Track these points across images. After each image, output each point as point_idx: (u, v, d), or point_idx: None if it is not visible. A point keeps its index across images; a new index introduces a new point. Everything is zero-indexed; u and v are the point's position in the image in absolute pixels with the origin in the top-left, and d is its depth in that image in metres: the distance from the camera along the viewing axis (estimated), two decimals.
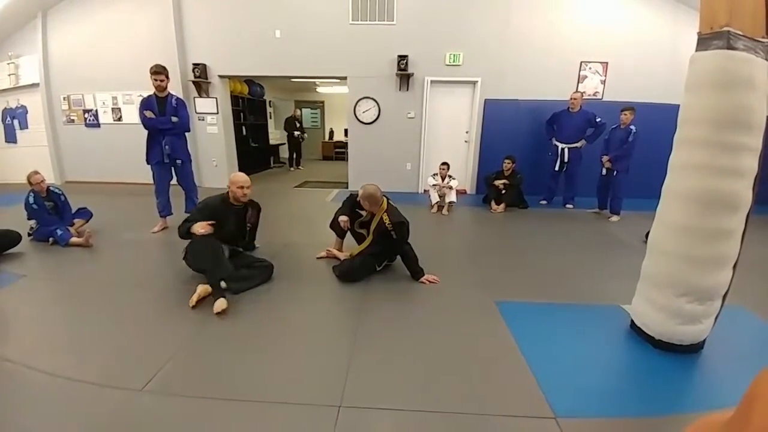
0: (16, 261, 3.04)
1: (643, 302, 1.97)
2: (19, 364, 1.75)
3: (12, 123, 6.47)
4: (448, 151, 5.78)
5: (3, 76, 6.18)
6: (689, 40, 1.83)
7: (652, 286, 1.91)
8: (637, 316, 2.01)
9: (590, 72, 5.57)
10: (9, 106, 6.39)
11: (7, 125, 6.49)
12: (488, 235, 3.99)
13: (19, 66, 6.09)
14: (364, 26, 5.47)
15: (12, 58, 6.05)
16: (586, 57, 5.50)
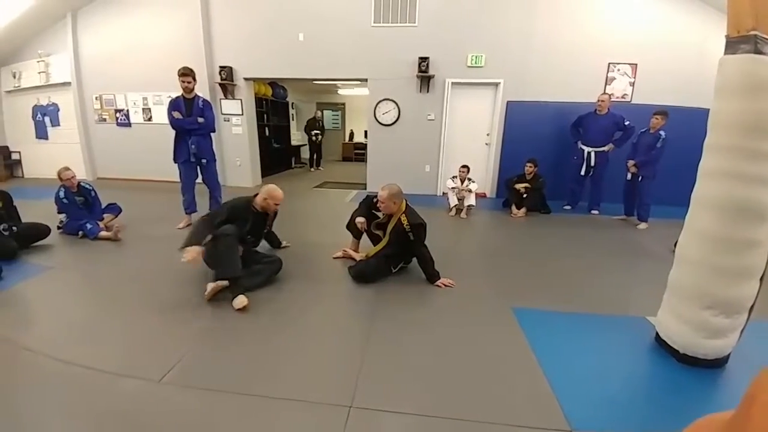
0: (45, 253, 3.21)
1: (669, 314, 1.89)
2: (39, 353, 1.83)
3: (43, 120, 6.79)
4: (468, 154, 5.70)
5: (33, 73, 6.48)
6: (719, 41, 1.75)
7: (678, 298, 1.84)
8: (662, 329, 1.94)
9: (618, 73, 5.37)
10: (40, 103, 6.71)
11: (37, 122, 6.82)
12: (507, 240, 3.90)
13: (50, 64, 6.38)
14: (386, 28, 5.48)
15: (42, 57, 6.32)
16: (614, 58, 5.31)
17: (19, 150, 7.09)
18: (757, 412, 0.35)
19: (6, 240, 3.02)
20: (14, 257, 2.97)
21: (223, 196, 4.11)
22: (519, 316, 2.24)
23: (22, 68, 6.53)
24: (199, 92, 3.92)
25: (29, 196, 4.77)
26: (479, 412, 1.50)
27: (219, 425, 1.43)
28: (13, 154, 7.10)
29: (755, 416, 0.35)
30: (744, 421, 0.37)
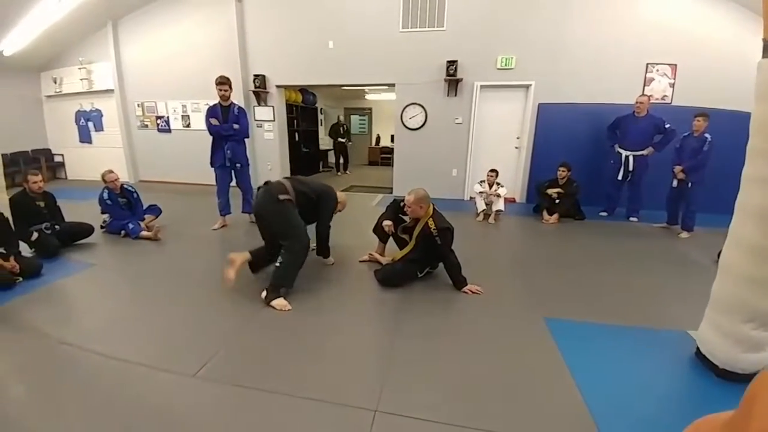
0: (88, 251, 3.43)
1: (710, 328, 1.80)
2: (77, 346, 1.94)
3: (86, 125, 7.27)
4: (497, 158, 5.58)
5: (75, 80, 6.92)
6: (758, 43, 1.64)
7: (719, 311, 1.76)
8: (702, 343, 1.84)
9: (657, 74, 5.09)
10: (83, 108, 7.19)
11: (81, 126, 7.31)
12: (538, 247, 3.77)
13: (92, 72, 6.83)
14: (414, 33, 5.50)
15: (83, 64, 6.76)
16: (653, 58, 5.04)
17: (62, 153, 7.64)
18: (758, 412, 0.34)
19: (48, 238, 3.25)
20: (56, 255, 3.19)
21: (254, 199, 4.27)
22: (552, 327, 2.15)
23: (63, 74, 7.01)
24: (235, 100, 4.09)
25: (73, 197, 5.14)
26: (509, 426, 1.45)
27: (248, 421, 1.47)
28: (55, 156, 7.65)
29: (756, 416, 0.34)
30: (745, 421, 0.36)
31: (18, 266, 2.71)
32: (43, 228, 3.28)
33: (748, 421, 0.35)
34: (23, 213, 3.15)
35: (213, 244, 3.74)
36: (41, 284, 2.69)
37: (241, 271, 2.93)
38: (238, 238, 3.92)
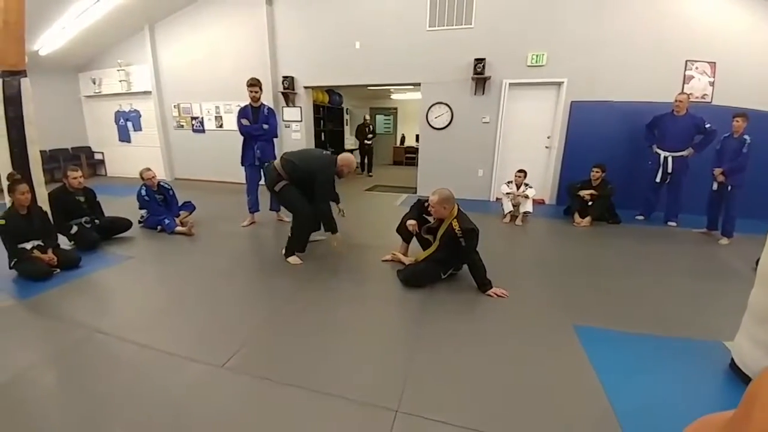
0: (126, 245, 3.63)
1: (745, 338, 1.70)
2: (112, 335, 2.05)
3: (126, 125, 7.71)
4: (525, 158, 5.43)
5: (113, 81, 7.32)
6: None
7: (756, 321, 1.66)
8: (737, 354, 1.74)
9: (697, 72, 4.77)
10: (122, 109, 7.63)
11: (120, 126, 7.76)
12: (569, 251, 3.62)
13: (130, 74, 7.21)
14: (441, 32, 5.45)
15: (121, 66, 7.15)
16: (692, 55, 4.73)
17: (102, 151, 8.15)
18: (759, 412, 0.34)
19: (87, 232, 3.45)
20: (95, 248, 3.39)
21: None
22: (581, 335, 2.06)
23: (102, 75, 7.45)
24: (264, 101, 4.21)
25: (113, 193, 5.46)
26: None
27: (272, 415, 1.51)
28: (95, 154, 8.17)
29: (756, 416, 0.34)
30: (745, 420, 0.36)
31: (55, 258, 2.87)
32: (83, 222, 3.49)
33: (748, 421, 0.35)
34: (62, 207, 3.36)
35: (242, 240, 3.87)
36: (80, 275, 2.87)
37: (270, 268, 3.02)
38: (265, 235, 4.04)
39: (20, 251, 2.77)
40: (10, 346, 1.96)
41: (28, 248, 2.81)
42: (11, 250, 2.76)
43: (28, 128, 3.09)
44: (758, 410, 0.34)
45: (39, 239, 2.90)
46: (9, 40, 3.02)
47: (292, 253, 3.10)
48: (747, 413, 0.36)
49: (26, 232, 2.84)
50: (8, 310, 2.34)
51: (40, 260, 2.79)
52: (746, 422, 0.35)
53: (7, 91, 2.99)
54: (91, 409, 1.53)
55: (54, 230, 3.12)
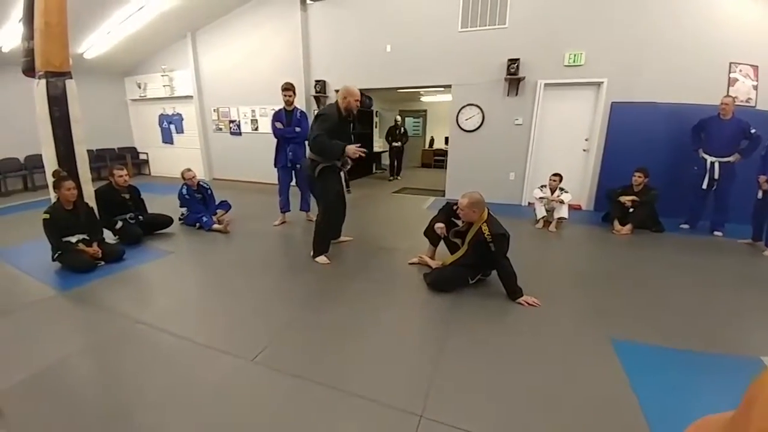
0: (167, 240, 3.84)
1: None
2: (152, 326, 2.17)
3: (168, 127, 8.18)
4: (561, 161, 5.21)
5: (158, 86, 7.78)
6: None
7: None
8: None
9: (741, 75, 4.41)
10: (165, 112, 8.10)
11: (163, 128, 8.25)
12: (607, 260, 3.43)
13: (173, 79, 7.63)
14: (473, 33, 5.36)
15: (165, 71, 7.58)
16: (736, 57, 4.38)
17: (147, 151, 8.68)
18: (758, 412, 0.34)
19: (132, 227, 3.67)
20: (139, 242, 3.61)
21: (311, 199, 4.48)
22: (618, 349, 1.95)
23: (147, 80, 7.95)
24: (297, 104, 4.33)
25: (156, 192, 5.78)
26: None
27: (297, 411, 1.54)
28: (140, 154, 8.71)
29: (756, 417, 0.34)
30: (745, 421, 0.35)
31: (100, 251, 3.06)
32: (128, 218, 3.72)
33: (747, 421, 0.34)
34: (108, 204, 3.58)
35: (273, 238, 3.99)
36: (123, 268, 3.06)
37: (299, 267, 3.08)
38: (295, 234, 4.14)
39: (64, 244, 2.95)
40: (55, 335, 2.11)
41: (73, 242, 2.99)
42: (56, 242, 2.93)
43: (74, 128, 3.19)
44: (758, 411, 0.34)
45: (84, 233, 3.08)
46: (51, 42, 3.07)
47: (319, 253, 3.16)
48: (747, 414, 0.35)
49: (71, 226, 3.01)
50: (51, 301, 2.52)
51: (84, 253, 2.98)
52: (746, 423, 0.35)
53: (51, 92, 3.07)
54: (129, 396, 1.63)
55: (99, 225, 3.31)
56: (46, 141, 3.11)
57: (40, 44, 3.04)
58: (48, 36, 3.04)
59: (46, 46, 3.06)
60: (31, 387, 1.64)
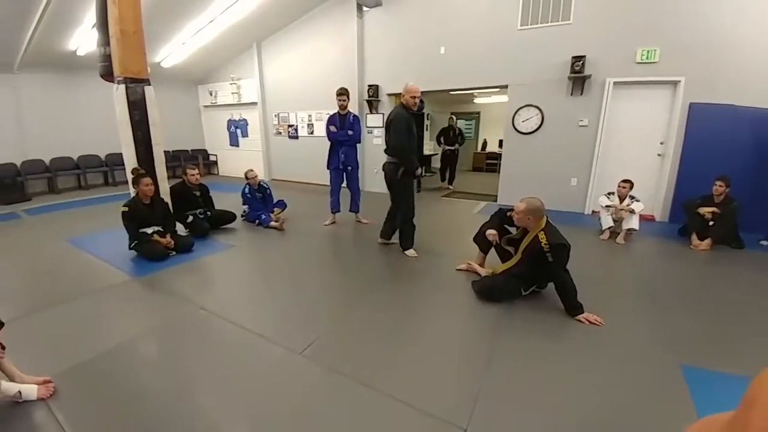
0: (230, 235, 4.14)
1: None
2: (213, 313, 2.34)
3: (235, 131, 8.89)
4: (631, 166, 4.73)
5: (227, 93, 8.50)
6: None
7: None
8: None
9: None
10: (233, 118, 8.83)
11: (231, 132, 8.98)
12: (680, 278, 3.04)
13: (240, 87, 8.27)
14: (534, 30, 5.09)
15: (233, 80, 8.23)
16: None
17: (216, 153, 9.49)
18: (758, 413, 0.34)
19: (201, 221, 4.02)
20: (206, 235, 3.93)
21: (361, 200, 4.57)
22: (689, 377, 1.72)
23: (217, 88, 8.73)
24: (350, 109, 4.44)
25: (222, 190, 6.28)
26: None
27: (340, 409, 1.56)
28: (210, 156, 9.53)
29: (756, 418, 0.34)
30: (744, 422, 0.35)
31: (173, 242, 3.37)
32: (198, 213, 4.09)
33: (747, 422, 0.34)
34: (181, 199, 3.94)
35: (324, 237, 4.13)
36: (191, 258, 3.36)
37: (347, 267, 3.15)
38: (344, 235, 4.25)
39: (141, 235, 3.28)
40: (126, 317, 2.36)
41: (149, 233, 3.32)
42: (133, 233, 3.26)
43: (152, 130, 3.48)
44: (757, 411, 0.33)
45: (159, 225, 3.41)
46: (128, 49, 3.24)
47: (408, 247, 3.38)
48: (746, 414, 0.35)
49: (148, 219, 3.34)
50: (125, 285, 2.82)
51: (159, 243, 3.29)
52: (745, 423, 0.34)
53: (131, 97, 3.30)
54: (189, 377, 1.77)
55: (173, 218, 3.66)
56: (127, 142, 3.39)
57: (118, 51, 3.28)
58: (124, 44, 3.24)
59: (123, 53, 3.25)
60: (100, 364, 1.83)
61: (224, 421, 1.50)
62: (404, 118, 3.10)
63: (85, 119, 7.04)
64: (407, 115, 3.12)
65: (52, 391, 1.59)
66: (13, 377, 1.54)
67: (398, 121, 3.09)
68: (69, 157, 7.01)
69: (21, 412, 1.49)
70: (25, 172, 6.40)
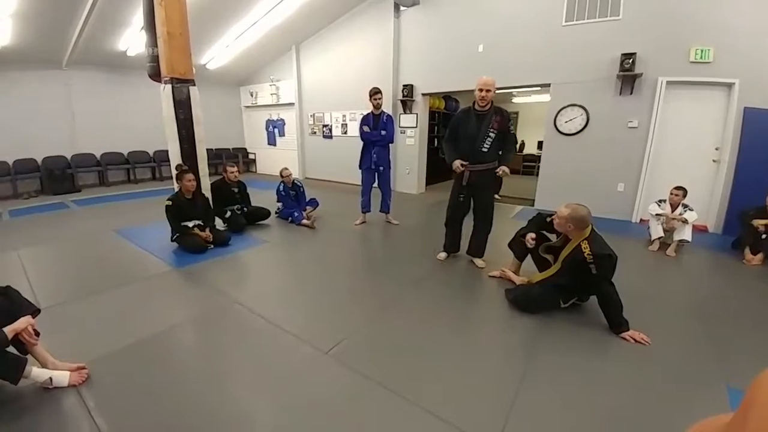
0: (264, 231, 4.24)
1: None
2: (246, 307, 2.39)
3: (273, 131, 9.20)
4: (684, 172, 4.35)
5: (266, 94, 8.80)
6: None
7: None
8: None
9: None
10: (271, 118, 9.13)
11: (269, 132, 9.30)
12: (732, 294, 2.75)
13: (279, 88, 8.53)
14: (580, 26, 4.81)
15: (273, 81, 8.49)
16: None
17: (255, 152, 9.84)
18: (756, 415, 0.34)
19: (238, 217, 4.15)
20: (242, 230, 4.06)
21: (391, 201, 4.54)
22: (735, 400, 1.54)
23: (257, 89, 9.06)
24: (384, 108, 4.42)
25: (259, 187, 6.48)
26: None
27: (364, 411, 1.53)
28: (249, 154, 9.90)
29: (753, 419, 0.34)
30: (742, 423, 0.35)
31: (211, 236, 3.50)
32: (235, 209, 4.24)
33: (745, 424, 0.35)
34: (221, 195, 4.10)
35: (354, 237, 4.15)
36: (228, 252, 3.47)
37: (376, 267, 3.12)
38: (374, 235, 4.24)
39: (183, 228, 3.43)
40: (164, 306, 2.46)
41: (189, 226, 3.47)
42: (175, 226, 3.41)
43: (196, 129, 3.62)
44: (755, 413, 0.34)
45: (200, 219, 3.56)
46: (175, 51, 3.35)
47: (442, 248, 3.30)
48: (744, 416, 0.35)
49: (189, 213, 3.49)
50: (166, 275, 2.96)
51: (198, 236, 3.43)
52: (743, 425, 0.35)
53: (176, 96, 3.44)
54: (222, 368, 1.82)
55: (213, 213, 3.80)
56: (172, 138, 3.56)
57: (165, 52, 3.43)
58: (171, 45, 3.36)
59: (170, 54, 3.38)
60: (135, 352, 1.91)
61: (249, 413, 1.52)
62: (454, 118, 3.05)
63: (136, 116, 7.49)
64: (459, 114, 3.03)
65: (84, 377, 1.62)
66: (46, 363, 1.57)
67: (450, 122, 3.08)
68: (119, 152, 7.52)
69: (51, 399, 1.52)
70: (76, 165, 6.86)
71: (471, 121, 2.90)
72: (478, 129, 2.86)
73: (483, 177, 2.95)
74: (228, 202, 4.22)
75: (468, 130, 2.90)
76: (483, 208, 3.08)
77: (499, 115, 2.84)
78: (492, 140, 2.85)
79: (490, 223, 3.11)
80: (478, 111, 2.89)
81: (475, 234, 3.18)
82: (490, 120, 2.83)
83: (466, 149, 2.92)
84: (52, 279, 2.90)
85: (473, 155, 2.89)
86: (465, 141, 2.92)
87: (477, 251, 3.19)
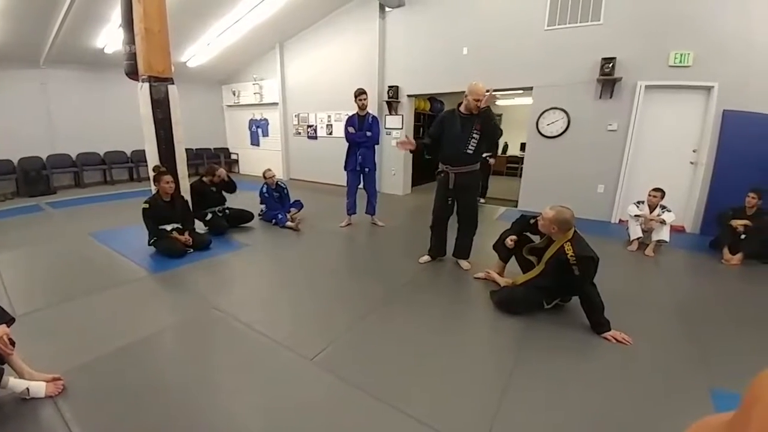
0: (247, 233, 4.14)
1: None
2: (226, 313, 2.32)
3: (256, 131, 9.02)
4: (663, 174, 4.48)
5: (249, 93, 8.63)
6: None
7: None
8: None
9: None
10: (255, 117, 8.95)
11: (252, 132, 9.11)
12: (711, 294, 2.85)
13: (263, 87, 8.37)
14: (562, 30, 4.91)
15: (256, 80, 8.32)
16: None
17: (237, 152, 9.64)
18: (759, 413, 0.33)
19: (219, 219, 4.03)
20: (224, 233, 3.95)
21: (377, 202, 4.51)
22: (718, 402, 1.58)
23: (240, 88, 8.86)
24: (369, 110, 4.39)
25: (242, 188, 6.30)
26: None
27: (349, 422, 1.49)
28: (232, 154, 9.70)
29: (757, 417, 0.33)
30: (745, 422, 0.34)
31: (191, 240, 3.38)
32: (216, 211, 4.12)
33: (748, 421, 0.34)
34: (201, 197, 3.96)
35: (339, 239, 4.10)
36: (208, 256, 3.37)
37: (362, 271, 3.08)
38: (360, 237, 4.20)
39: (160, 231, 3.31)
40: (141, 314, 2.34)
41: (168, 229, 3.35)
42: (152, 229, 3.29)
43: (175, 129, 3.50)
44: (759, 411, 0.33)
45: (178, 223, 3.44)
46: (153, 48, 3.24)
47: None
48: (747, 414, 0.35)
49: (168, 216, 3.37)
50: (143, 281, 2.84)
51: (177, 240, 3.31)
52: (746, 422, 0.34)
53: (154, 95, 3.32)
54: (201, 378, 1.75)
55: (192, 216, 3.67)
56: (149, 139, 3.44)
57: (142, 50, 3.31)
58: (149, 42, 3.25)
59: (148, 52, 3.27)
60: (112, 361, 1.83)
61: (230, 425, 1.46)
62: (440, 116, 3.06)
63: (113, 116, 7.24)
64: (445, 114, 3.04)
65: (61, 388, 1.58)
66: (23, 374, 1.54)
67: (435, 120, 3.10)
68: (95, 152, 7.24)
69: (27, 410, 1.49)
70: (51, 166, 6.57)
71: (456, 123, 2.90)
72: (462, 131, 2.86)
73: (467, 179, 2.96)
74: (209, 203, 4.09)
75: (453, 133, 2.89)
76: (467, 209, 3.08)
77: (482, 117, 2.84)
78: (477, 141, 2.86)
79: (474, 225, 3.12)
80: (463, 114, 2.89)
81: (460, 236, 3.19)
82: (474, 123, 2.84)
83: (451, 152, 2.93)
84: (27, 285, 2.76)
85: (458, 158, 2.89)
86: (449, 144, 2.92)
87: (462, 253, 3.20)
